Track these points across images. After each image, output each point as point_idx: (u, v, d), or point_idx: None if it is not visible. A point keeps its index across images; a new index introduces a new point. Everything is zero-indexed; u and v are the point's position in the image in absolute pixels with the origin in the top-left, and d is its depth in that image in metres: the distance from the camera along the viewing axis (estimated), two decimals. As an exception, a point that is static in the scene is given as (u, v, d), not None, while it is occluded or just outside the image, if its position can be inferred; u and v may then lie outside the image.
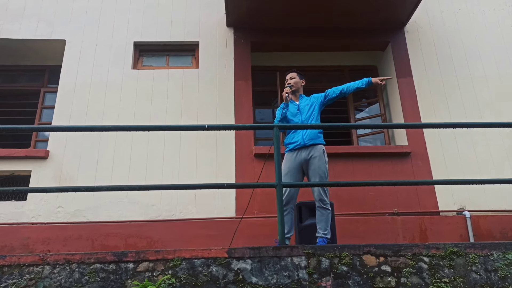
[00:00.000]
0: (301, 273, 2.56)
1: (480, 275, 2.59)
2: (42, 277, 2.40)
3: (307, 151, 3.67)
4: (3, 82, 6.10)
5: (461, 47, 5.90)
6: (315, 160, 3.62)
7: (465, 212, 4.89)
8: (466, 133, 5.31)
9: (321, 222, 3.48)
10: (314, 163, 3.61)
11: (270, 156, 4.37)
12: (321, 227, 3.47)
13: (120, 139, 5.08)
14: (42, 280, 2.34)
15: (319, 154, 3.66)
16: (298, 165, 3.67)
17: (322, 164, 3.64)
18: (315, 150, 3.66)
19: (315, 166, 3.60)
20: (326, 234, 3.43)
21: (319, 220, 3.50)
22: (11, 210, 4.75)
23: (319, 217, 3.50)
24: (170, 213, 4.84)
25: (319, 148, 3.69)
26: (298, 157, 3.67)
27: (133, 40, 5.68)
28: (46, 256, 2.42)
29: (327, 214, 3.50)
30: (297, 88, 4.02)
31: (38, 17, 5.74)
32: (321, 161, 3.64)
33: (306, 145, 3.70)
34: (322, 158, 3.67)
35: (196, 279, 2.50)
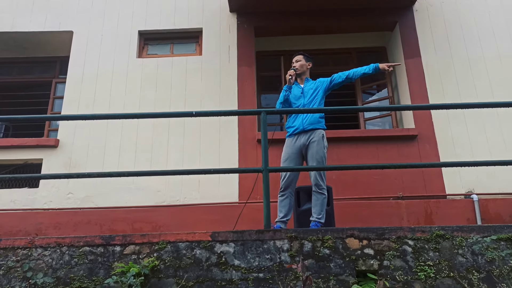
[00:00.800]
0: (283, 256, 2.59)
1: (466, 258, 2.54)
2: (34, 259, 2.52)
3: (306, 135, 3.65)
4: (18, 74, 6.33)
5: (473, 25, 5.66)
6: (313, 144, 3.60)
7: (473, 196, 4.77)
8: (476, 114, 5.14)
9: (316, 206, 3.48)
10: (313, 147, 3.59)
11: (273, 141, 4.40)
12: (315, 211, 3.47)
13: (126, 127, 5.21)
14: (30, 262, 2.46)
15: (318, 139, 3.62)
16: (297, 150, 3.65)
17: (320, 149, 3.60)
18: (314, 134, 3.63)
19: (313, 151, 3.58)
20: (320, 218, 3.43)
21: (314, 204, 3.50)
22: (25, 196, 4.98)
23: (314, 201, 3.50)
24: (175, 198, 4.95)
25: (319, 132, 3.66)
26: (297, 142, 3.66)
27: (137, 29, 5.75)
28: (33, 239, 2.55)
29: (322, 198, 3.49)
30: (302, 71, 3.98)
31: (47, 9, 5.89)
32: (319, 145, 3.60)
33: (306, 130, 3.67)
34: (320, 143, 3.63)
35: (180, 261, 2.58)
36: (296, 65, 3.92)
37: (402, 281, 2.49)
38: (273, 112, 3.32)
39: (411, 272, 2.52)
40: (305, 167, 3.48)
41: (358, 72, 3.81)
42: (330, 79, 3.87)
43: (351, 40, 6.16)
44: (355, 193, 4.92)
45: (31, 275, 2.35)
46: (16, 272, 2.44)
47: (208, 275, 2.54)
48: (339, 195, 4.82)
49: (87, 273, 2.54)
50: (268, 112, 3.18)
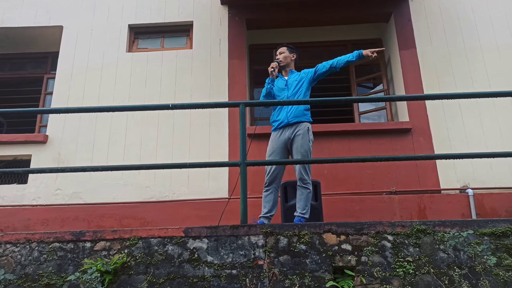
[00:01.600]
0: (257, 252, 2.50)
1: (447, 254, 2.43)
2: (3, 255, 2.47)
3: (291, 129, 3.54)
4: (10, 70, 6.30)
5: (470, 15, 5.50)
6: (298, 137, 3.49)
7: (468, 190, 4.64)
8: (473, 106, 5.01)
9: (300, 201, 3.38)
10: (297, 140, 3.48)
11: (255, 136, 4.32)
12: (299, 206, 3.37)
13: (115, 122, 5.15)
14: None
15: (303, 132, 3.51)
16: (282, 144, 3.55)
17: (305, 142, 3.49)
18: (299, 127, 3.52)
19: (298, 144, 3.47)
20: (304, 214, 3.33)
21: (299, 199, 3.40)
22: (13, 193, 4.95)
23: (299, 196, 3.40)
24: (163, 194, 4.89)
25: (304, 125, 3.54)
26: (282, 136, 3.56)
27: (127, 23, 5.68)
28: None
29: (306, 193, 3.39)
30: (286, 63, 3.87)
31: (37, 4, 5.84)
32: (304, 139, 3.49)
33: (290, 123, 3.56)
34: (305, 136, 3.51)
35: (151, 258, 2.50)
36: (279, 57, 3.82)
37: (380, 278, 2.39)
38: (252, 105, 3.21)
39: (389, 268, 2.42)
40: (287, 161, 3.38)
41: (342, 60, 3.68)
42: (314, 70, 3.76)
43: (346, 32, 6.03)
44: (347, 188, 4.82)
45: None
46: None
47: (179, 271, 2.46)
48: (330, 190, 4.73)
49: (56, 270, 2.48)
50: (247, 105, 3.09)
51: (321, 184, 4.01)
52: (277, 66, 3.81)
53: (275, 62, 3.82)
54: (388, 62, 5.85)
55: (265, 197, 3.53)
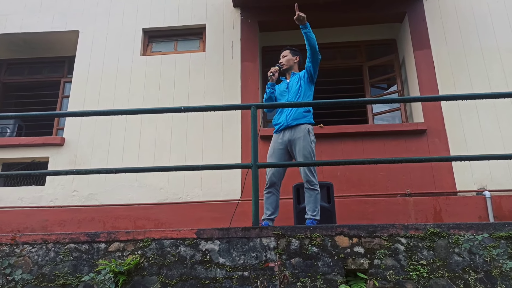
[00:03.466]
0: (269, 254, 2.50)
1: (462, 257, 2.39)
2: (17, 255, 2.53)
3: (291, 131, 3.54)
4: (29, 74, 6.45)
5: (486, 13, 5.40)
6: (299, 140, 3.47)
7: (485, 192, 4.55)
8: (489, 106, 4.92)
9: (309, 203, 3.37)
10: (299, 143, 3.46)
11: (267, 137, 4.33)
12: (309, 208, 3.36)
13: (130, 124, 5.22)
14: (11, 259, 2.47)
15: (303, 134, 3.49)
16: (283, 146, 3.55)
17: (307, 144, 3.46)
18: (299, 130, 3.50)
19: (300, 147, 3.45)
20: (315, 215, 3.32)
21: (308, 201, 3.39)
22: (31, 194, 5.06)
23: (307, 198, 3.39)
24: (177, 196, 4.93)
25: (304, 127, 3.52)
26: (283, 138, 3.55)
27: (142, 27, 5.76)
28: (15, 236, 2.55)
29: (315, 195, 3.38)
30: (289, 65, 3.87)
31: (54, 10, 5.97)
32: (305, 141, 3.46)
33: (290, 126, 3.56)
34: (306, 138, 3.49)
35: (164, 259, 2.53)
36: (282, 61, 3.84)
37: (393, 281, 2.37)
38: (263, 107, 3.22)
39: (403, 271, 2.39)
40: (295, 163, 3.37)
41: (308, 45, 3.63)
42: (306, 69, 3.74)
43: (359, 33, 5.99)
44: (360, 190, 4.79)
45: (10, 271, 2.35)
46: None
47: (192, 273, 2.48)
48: (343, 192, 4.70)
49: (71, 270, 2.52)
50: (259, 107, 3.09)
51: (334, 186, 4.00)
52: (277, 70, 3.82)
53: (276, 66, 3.84)
54: (402, 62, 5.78)
55: (267, 199, 3.53)
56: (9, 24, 5.94)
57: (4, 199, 5.06)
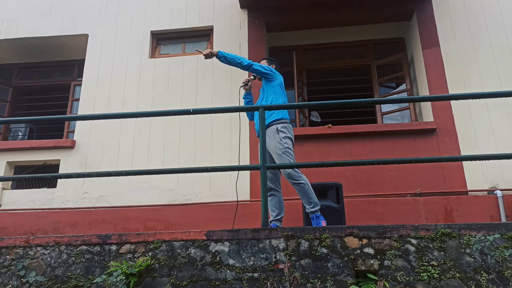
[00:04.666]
0: (278, 256, 2.51)
1: (474, 258, 2.37)
2: (30, 258, 2.57)
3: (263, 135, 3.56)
4: (39, 78, 6.54)
5: (496, 10, 5.34)
6: (269, 142, 3.46)
7: (497, 191, 4.50)
8: (500, 104, 4.87)
9: (303, 198, 3.34)
10: (269, 145, 3.45)
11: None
12: (305, 203, 3.33)
13: (139, 127, 5.27)
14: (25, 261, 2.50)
15: (272, 135, 3.49)
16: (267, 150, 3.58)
17: (277, 143, 3.44)
18: (267, 132, 3.48)
19: (271, 148, 3.46)
20: (313, 208, 3.27)
21: (301, 196, 3.35)
22: (43, 196, 5.13)
23: (298, 193, 3.35)
24: (186, 197, 4.96)
25: (271, 129, 3.51)
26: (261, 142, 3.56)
27: (150, 30, 5.80)
28: (29, 239, 2.59)
29: (302, 188, 3.31)
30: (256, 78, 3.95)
31: (63, 14, 6.04)
32: (274, 139, 3.46)
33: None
34: (275, 137, 3.47)
35: (174, 260, 2.55)
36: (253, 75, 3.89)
37: (403, 282, 2.36)
38: (271, 108, 3.22)
39: (413, 272, 2.38)
40: (303, 164, 3.37)
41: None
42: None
43: (367, 32, 5.97)
44: (370, 190, 4.77)
45: (24, 273, 2.39)
46: (9, 271, 2.48)
47: (202, 274, 2.50)
48: (352, 192, 4.69)
49: (83, 272, 2.56)
50: (266, 108, 3.10)
51: (343, 186, 3.98)
52: (247, 80, 3.88)
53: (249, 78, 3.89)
54: (411, 61, 5.75)
55: (270, 201, 3.52)
56: (20, 29, 6.02)
57: (17, 201, 5.14)
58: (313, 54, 6.22)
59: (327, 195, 3.94)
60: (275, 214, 3.46)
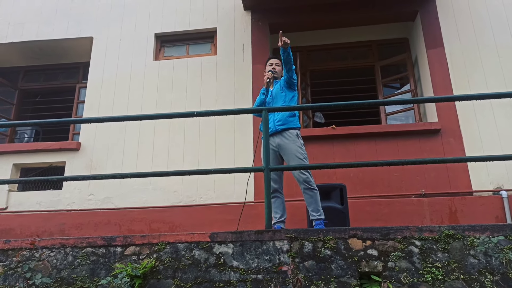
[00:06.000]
0: (282, 257, 2.52)
1: (478, 259, 2.37)
2: (36, 260, 2.59)
3: (279, 136, 3.56)
4: (45, 80, 6.60)
5: (501, 10, 5.32)
6: (288, 145, 3.49)
7: (502, 192, 4.48)
8: (505, 104, 4.84)
9: (311, 204, 3.36)
10: (288, 148, 3.48)
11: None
12: (313, 209, 3.35)
13: (143, 128, 5.30)
14: (31, 263, 2.53)
15: (292, 139, 3.52)
16: (277, 151, 3.58)
17: (297, 147, 3.49)
18: (287, 134, 3.53)
19: (290, 150, 3.48)
20: (320, 215, 3.31)
21: (309, 202, 3.37)
22: (49, 198, 5.18)
23: (308, 199, 3.37)
24: (191, 198, 4.98)
25: (292, 132, 3.55)
26: (272, 143, 3.55)
27: (154, 32, 5.83)
28: (35, 241, 2.62)
29: (314, 194, 3.36)
30: (279, 75, 3.91)
31: (68, 17, 6.09)
32: (295, 144, 3.50)
33: (278, 131, 3.59)
34: (296, 141, 3.52)
35: (178, 262, 2.57)
36: (276, 69, 3.84)
37: (407, 284, 2.36)
38: (275, 110, 3.22)
39: (417, 274, 2.38)
40: (306, 165, 3.37)
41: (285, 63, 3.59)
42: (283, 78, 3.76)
43: (371, 32, 5.96)
44: (374, 191, 4.76)
45: (30, 275, 2.42)
46: (16, 273, 2.51)
47: (206, 276, 2.51)
48: (357, 193, 4.69)
49: (89, 274, 2.58)
50: (270, 110, 3.11)
51: (348, 187, 3.99)
52: (272, 76, 3.83)
53: (270, 72, 3.84)
54: (415, 61, 5.73)
55: (273, 203, 3.51)
56: (26, 32, 6.08)
57: (23, 203, 5.19)
58: (317, 55, 6.22)
59: (331, 196, 3.95)
60: (279, 216, 3.47)
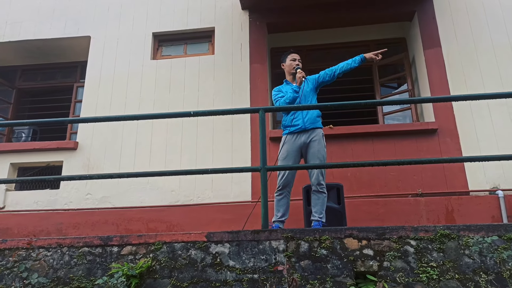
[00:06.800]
0: (278, 257, 2.53)
1: (473, 259, 2.38)
2: (33, 259, 2.60)
3: (307, 134, 3.58)
4: (42, 79, 6.59)
5: (498, 10, 5.33)
6: (314, 143, 3.54)
7: (498, 192, 4.49)
8: (502, 104, 4.86)
9: (316, 205, 3.40)
10: (314, 146, 3.53)
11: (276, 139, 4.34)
12: (316, 211, 3.38)
13: (141, 128, 5.30)
14: (28, 263, 2.53)
15: (318, 138, 3.58)
16: (297, 148, 3.58)
17: (322, 148, 3.57)
18: (315, 133, 3.58)
19: (315, 150, 3.51)
20: (321, 218, 3.35)
21: (315, 203, 3.41)
22: (46, 197, 5.17)
23: (315, 200, 3.42)
24: (188, 198, 4.98)
25: (319, 131, 3.61)
26: (297, 140, 3.58)
27: (152, 31, 5.83)
28: (31, 241, 2.62)
29: (323, 197, 3.44)
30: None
31: (66, 16, 6.08)
32: (320, 144, 3.56)
33: (307, 129, 3.60)
34: (321, 142, 3.59)
35: (175, 262, 2.57)
36: (300, 65, 3.82)
37: (402, 283, 2.37)
38: (272, 110, 3.23)
39: (412, 273, 2.39)
40: (308, 165, 3.38)
41: (345, 67, 3.67)
42: (316, 78, 3.77)
43: (368, 32, 5.97)
44: (371, 190, 4.78)
45: (27, 275, 2.42)
46: (12, 273, 2.52)
47: (202, 276, 2.52)
48: (354, 193, 4.70)
49: (85, 273, 2.58)
50: (267, 110, 3.11)
51: (344, 187, 4.00)
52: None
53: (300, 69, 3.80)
54: (412, 61, 5.74)
55: (279, 201, 3.54)
56: (23, 31, 6.07)
57: (21, 202, 5.19)
58: (314, 54, 6.22)
59: (328, 196, 3.95)
60: (280, 215, 3.48)
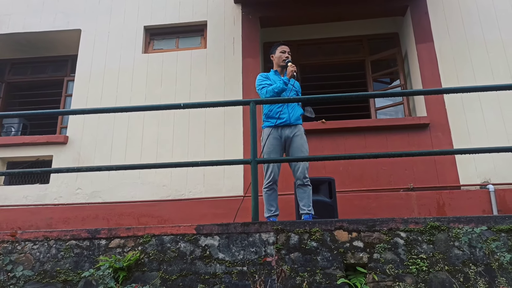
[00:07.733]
0: (268, 249, 2.51)
1: (462, 250, 2.38)
2: (18, 252, 2.56)
3: (290, 129, 3.57)
4: (32, 73, 6.50)
5: (490, 6, 5.34)
6: (298, 138, 3.55)
7: (489, 186, 4.51)
8: (493, 99, 4.88)
9: (304, 199, 3.38)
10: (297, 141, 3.53)
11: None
12: (305, 204, 3.37)
13: (132, 122, 5.25)
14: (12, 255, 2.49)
15: (301, 133, 3.61)
16: (282, 142, 3.57)
17: (305, 143, 3.59)
18: (297, 129, 3.59)
19: (298, 144, 3.52)
20: (310, 210, 3.34)
21: (302, 197, 3.39)
22: (36, 192, 5.11)
23: (302, 194, 3.40)
24: (180, 192, 4.95)
25: (301, 128, 3.65)
26: (282, 134, 3.56)
27: (143, 25, 5.77)
28: (16, 233, 2.58)
29: (309, 190, 3.44)
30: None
31: (56, 9, 5.99)
32: (303, 139, 3.59)
33: (292, 124, 3.59)
34: (303, 137, 3.62)
35: (164, 255, 2.54)
36: (290, 58, 3.79)
37: (392, 275, 2.36)
38: (262, 102, 3.20)
39: (402, 265, 2.39)
40: (297, 158, 3.36)
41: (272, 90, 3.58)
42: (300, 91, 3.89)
43: (361, 27, 5.95)
44: (363, 184, 4.78)
45: (11, 268, 2.38)
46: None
47: (191, 268, 2.49)
48: (345, 187, 4.69)
49: (72, 266, 2.55)
50: (257, 102, 3.09)
51: (336, 181, 3.99)
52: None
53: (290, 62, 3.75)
54: (405, 56, 5.74)
55: (270, 195, 3.50)
56: (12, 23, 5.98)
57: (10, 197, 5.12)
58: (307, 49, 6.20)
59: (319, 189, 3.94)
60: (274, 210, 3.46)
